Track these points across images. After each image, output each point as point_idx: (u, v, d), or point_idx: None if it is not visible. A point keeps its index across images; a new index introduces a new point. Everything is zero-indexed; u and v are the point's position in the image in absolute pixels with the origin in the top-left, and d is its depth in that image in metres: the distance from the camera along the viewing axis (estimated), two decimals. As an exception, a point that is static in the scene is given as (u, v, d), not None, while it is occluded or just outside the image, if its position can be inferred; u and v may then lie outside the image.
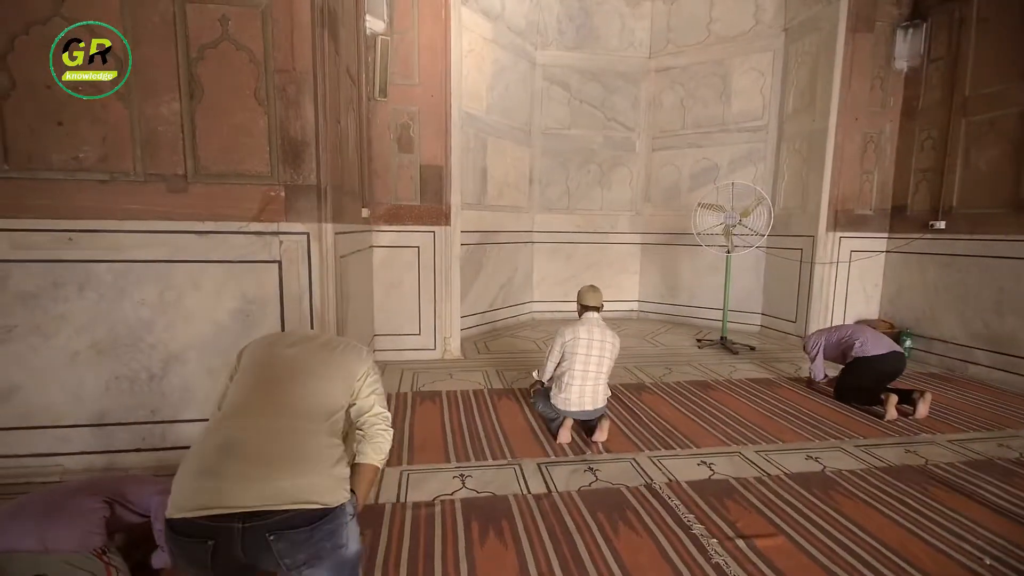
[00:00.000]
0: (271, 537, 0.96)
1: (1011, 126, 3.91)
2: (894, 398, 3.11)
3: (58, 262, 2.16)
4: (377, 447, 1.36)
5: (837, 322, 4.93)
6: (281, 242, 2.30)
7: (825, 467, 2.51)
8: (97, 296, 2.21)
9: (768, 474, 2.42)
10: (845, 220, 4.85)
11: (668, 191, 6.17)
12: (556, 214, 6.23)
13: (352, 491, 1.15)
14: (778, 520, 2.04)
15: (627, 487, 2.28)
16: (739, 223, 4.75)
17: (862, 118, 4.76)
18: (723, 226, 4.80)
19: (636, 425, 2.98)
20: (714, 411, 3.22)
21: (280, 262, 2.31)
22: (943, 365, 4.39)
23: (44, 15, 2.07)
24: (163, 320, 2.26)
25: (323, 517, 1.00)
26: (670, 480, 2.35)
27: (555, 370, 2.88)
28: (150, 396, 2.29)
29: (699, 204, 4.89)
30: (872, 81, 4.74)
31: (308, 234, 2.32)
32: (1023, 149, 3.83)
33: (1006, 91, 3.94)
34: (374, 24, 3.85)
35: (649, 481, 2.33)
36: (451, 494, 2.19)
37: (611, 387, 3.59)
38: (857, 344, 3.37)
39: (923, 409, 3.08)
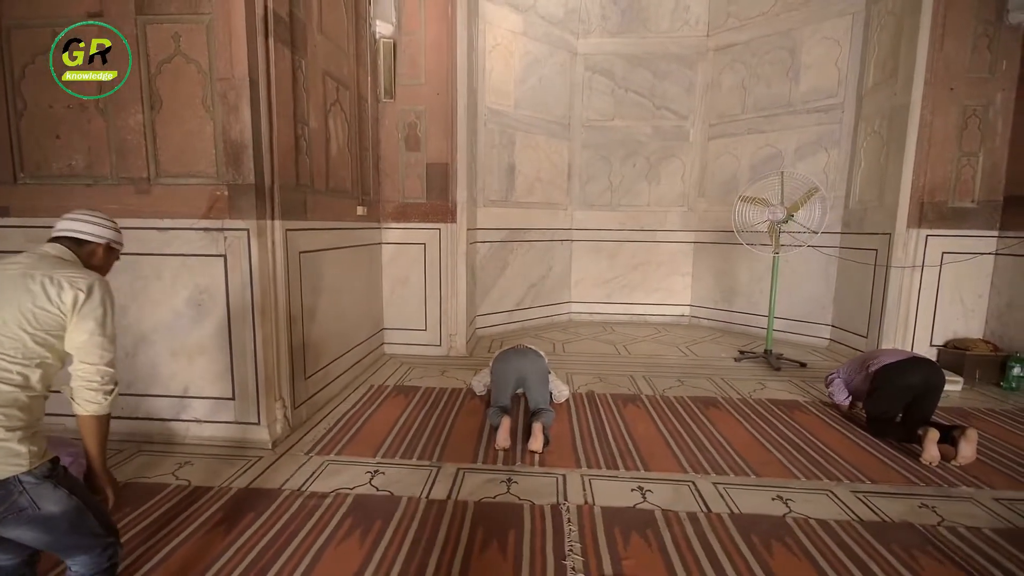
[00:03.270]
0: None
1: None
2: (934, 433, 2.46)
3: (57, 253, 2.56)
4: (81, 403, 1.23)
5: (920, 342, 4.05)
6: (225, 238, 2.49)
7: (790, 511, 2.08)
8: (86, 283, 2.58)
9: (708, 510, 2.07)
10: (935, 214, 3.95)
11: (725, 183, 5.53)
12: (597, 211, 5.93)
13: (55, 459, 1.19)
14: (678, 566, 1.73)
15: (532, 504, 2.10)
16: (790, 219, 4.10)
17: (961, 87, 3.83)
18: (767, 223, 4.18)
19: (593, 438, 2.73)
20: (698, 433, 2.83)
21: (225, 256, 2.50)
22: (1064, 402, 3.38)
23: (46, 46, 2.46)
24: (134, 306, 2.58)
25: None
26: (584, 503, 2.11)
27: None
28: (125, 371, 2.61)
29: (740, 197, 4.32)
30: (975, 41, 3.79)
31: (248, 230, 2.47)
32: None
33: None
34: (383, 27, 3.98)
35: (560, 501, 2.12)
36: (351, 489, 2.20)
37: (598, 396, 3.36)
38: (874, 361, 2.76)
39: (966, 451, 2.39)
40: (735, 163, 5.45)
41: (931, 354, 4.03)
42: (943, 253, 3.96)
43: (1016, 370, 3.62)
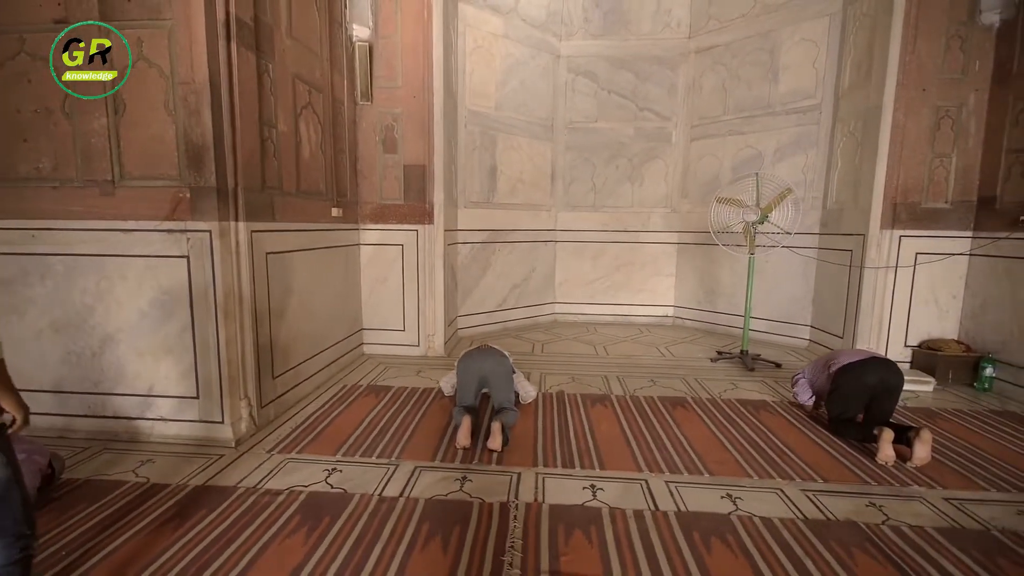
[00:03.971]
0: None
1: None
2: (888, 433, 2.48)
3: (25, 255, 2.61)
4: None
5: (894, 343, 4.06)
6: (188, 239, 2.53)
7: (737, 509, 2.09)
8: (54, 284, 2.63)
9: (656, 508, 2.09)
10: (908, 215, 3.96)
11: (708, 185, 5.54)
12: (581, 212, 5.96)
13: (1, 425, 1.24)
14: (614, 562, 1.75)
15: (482, 502, 2.13)
16: (764, 220, 4.11)
17: (933, 88, 3.84)
18: (742, 224, 4.19)
19: (555, 438, 2.76)
20: (661, 432, 2.85)
21: (188, 257, 2.54)
22: (1033, 402, 3.38)
23: (13, 52, 2.51)
24: (101, 306, 2.62)
25: None
26: (534, 501, 2.14)
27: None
28: (93, 370, 2.66)
29: (716, 198, 4.34)
30: (948, 42, 3.80)
31: (210, 231, 2.51)
32: None
33: None
34: (360, 31, 4.03)
35: (510, 499, 2.15)
36: (306, 486, 2.23)
37: (568, 396, 3.38)
38: (835, 361, 2.78)
39: (921, 452, 2.40)
40: (717, 164, 5.47)
41: (905, 355, 4.05)
42: (916, 254, 3.97)
43: (988, 371, 3.62)
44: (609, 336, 5.33)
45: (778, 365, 4.18)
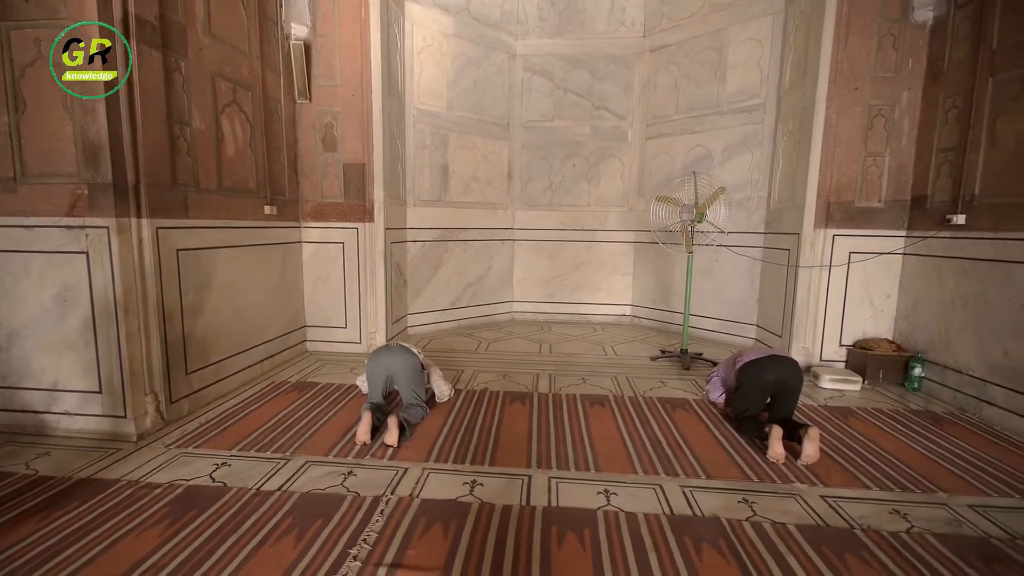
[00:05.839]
0: None
1: (1044, 83, 2.87)
2: (777, 431, 2.48)
3: (-68, 251, 2.65)
4: None
5: (829, 342, 4.05)
6: (87, 235, 2.56)
7: (608, 504, 2.11)
8: (-40, 279, 2.67)
9: (528, 503, 2.10)
10: (841, 214, 3.95)
11: (662, 184, 5.51)
12: (538, 211, 5.96)
13: None
14: (460, 556, 1.77)
15: (356, 496, 2.15)
16: (702, 219, 4.11)
17: (866, 87, 3.82)
18: (680, 223, 4.20)
19: (458, 435, 2.77)
20: (567, 430, 2.86)
21: (87, 253, 2.57)
22: (956, 403, 3.37)
23: (-83, 50, 2.55)
24: (6, 301, 2.66)
25: None
26: (409, 495, 2.16)
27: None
28: (1, 364, 2.70)
29: (656, 198, 4.34)
30: (880, 40, 3.78)
31: (108, 228, 2.54)
32: (1057, 114, 2.80)
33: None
34: (298, 29, 4.06)
35: (385, 494, 2.17)
36: (188, 480, 2.26)
37: (490, 393, 3.40)
38: (740, 359, 2.80)
39: (809, 449, 2.40)
40: (670, 163, 5.47)
41: (841, 354, 4.04)
42: (850, 253, 3.96)
43: (917, 370, 3.61)
44: (561, 335, 5.34)
45: (715, 364, 4.17)
